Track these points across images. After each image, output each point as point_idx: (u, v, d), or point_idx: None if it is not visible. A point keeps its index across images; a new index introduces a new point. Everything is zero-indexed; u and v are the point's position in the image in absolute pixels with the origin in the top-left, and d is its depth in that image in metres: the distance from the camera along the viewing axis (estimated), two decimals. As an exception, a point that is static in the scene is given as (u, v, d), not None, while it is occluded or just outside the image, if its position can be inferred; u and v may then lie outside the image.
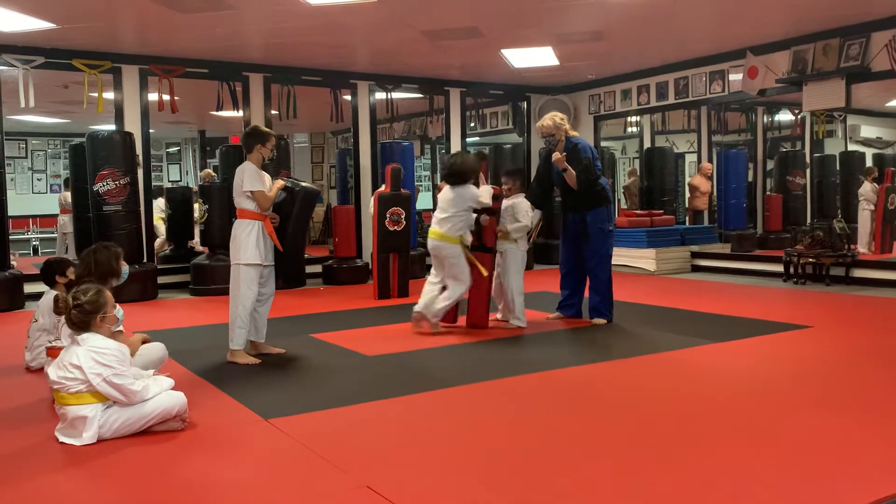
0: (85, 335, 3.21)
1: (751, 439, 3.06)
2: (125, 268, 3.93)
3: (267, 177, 4.78)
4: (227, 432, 3.32)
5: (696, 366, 4.45)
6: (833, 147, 10.67)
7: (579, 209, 5.73)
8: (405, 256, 7.64)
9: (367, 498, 2.54)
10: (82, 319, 3.20)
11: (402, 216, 7.57)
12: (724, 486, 2.60)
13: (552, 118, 5.73)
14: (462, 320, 5.74)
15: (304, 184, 4.91)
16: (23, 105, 7.61)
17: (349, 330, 5.76)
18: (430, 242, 5.50)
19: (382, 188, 7.75)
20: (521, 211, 5.64)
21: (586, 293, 5.94)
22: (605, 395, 3.81)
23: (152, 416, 3.21)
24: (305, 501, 2.57)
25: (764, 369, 4.33)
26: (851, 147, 10.65)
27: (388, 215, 7.51)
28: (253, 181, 4.63)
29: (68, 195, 11.54)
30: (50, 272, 4.59)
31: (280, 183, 4.78)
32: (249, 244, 4.62)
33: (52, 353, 3.72)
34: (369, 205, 7.76)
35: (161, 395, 3.26)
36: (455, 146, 10.34)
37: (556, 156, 5.60)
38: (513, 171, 6.11)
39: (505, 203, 5.67)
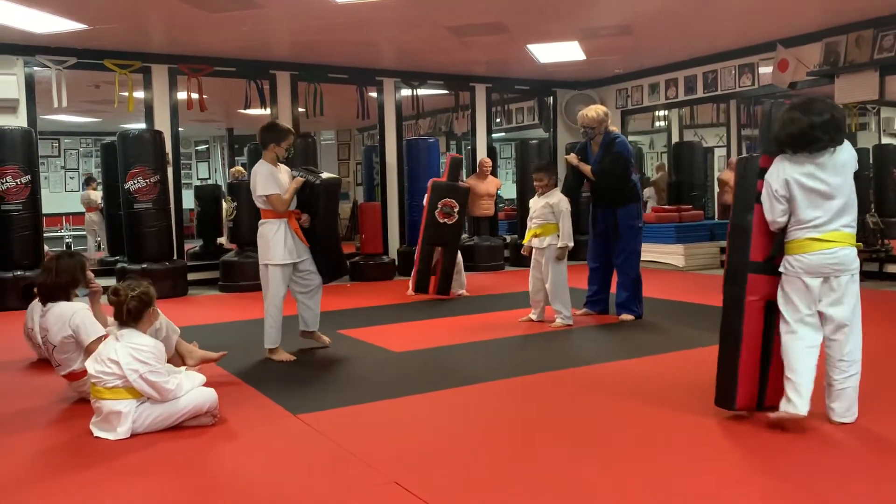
0: (125, 331, 3.28)
1: (782, 438, 3.02)
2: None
3: (284, 172, 4.63)
4: (256, 428, 3.36)
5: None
6: (866, 140, 10.47)
7: (610, 205, 5.67)
8: (452, 252, 7.13)
9: (395, 493, 2.56)
10: (139, 308, 3.29)
11: (455, 209, 7.11)
12: (756, 484, 2.58)
13: (597, 110, 5.60)
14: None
15: (323, 175, 4.74)
16: (56, 105, 7.75)
17: (377, 326, 5.78)
18: None
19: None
20: (562, 211, 5.40)
21: (613, 289, 5.90)
22: (635, 392, 3.78)
23: (184, 412, 3.27)
24: (334, 496, 2.60)
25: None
26: (885, 140, 10.45)
27: (439, 206, 7.10)
28: (266, 184, 4.47)
29: (90, 193, 11.78)
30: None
31: (297, 182, 4.59)
32: (277, 244, 4.53)
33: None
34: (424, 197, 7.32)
35: (193, 391, 3.32)
36: (481, 142, 10.33)
37: (570, 157, 5.76)
38: (544, 165, 5.78)
39: (539, 201, 5.51)
